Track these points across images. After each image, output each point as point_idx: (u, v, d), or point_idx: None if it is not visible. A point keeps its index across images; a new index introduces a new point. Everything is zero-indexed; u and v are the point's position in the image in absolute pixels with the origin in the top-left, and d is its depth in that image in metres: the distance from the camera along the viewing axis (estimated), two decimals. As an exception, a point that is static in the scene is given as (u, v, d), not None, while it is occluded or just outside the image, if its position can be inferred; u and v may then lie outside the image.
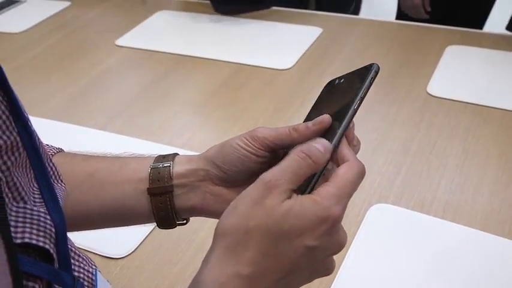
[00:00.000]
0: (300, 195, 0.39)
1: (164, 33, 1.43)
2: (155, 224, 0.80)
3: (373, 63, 0.46)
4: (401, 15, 1.63)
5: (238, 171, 0.47)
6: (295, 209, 0.38)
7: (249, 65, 1.23)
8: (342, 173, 0.40)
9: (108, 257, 0.77)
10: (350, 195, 0.40)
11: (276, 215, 0.37)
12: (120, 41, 1.40)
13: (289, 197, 0.38)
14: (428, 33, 1.33)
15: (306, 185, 0.41)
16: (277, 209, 0.37)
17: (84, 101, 1.17)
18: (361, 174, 0.41)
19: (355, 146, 0.44)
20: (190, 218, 0.84)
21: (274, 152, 0.47)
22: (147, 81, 1.23)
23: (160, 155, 0.51)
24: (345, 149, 0.42)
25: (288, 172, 0.39)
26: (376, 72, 0.46)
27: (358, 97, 0.44)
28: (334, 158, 0.42)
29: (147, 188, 0.49)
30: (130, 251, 0.77)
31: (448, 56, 1.20)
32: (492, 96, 1.06)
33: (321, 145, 0.40)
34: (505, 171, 0.87)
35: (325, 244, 0.39)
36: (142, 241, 0.79)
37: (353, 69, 0.49)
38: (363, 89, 0.45)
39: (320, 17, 1.45)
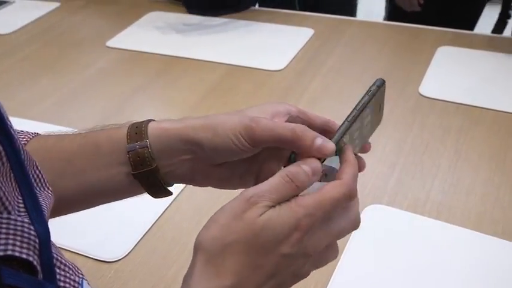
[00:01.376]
0: (278, 205, 0.39)
1: (155, 34, 1.42)
2: (149, 226, 0.80)
3: (378, 79, 0.46)
4: (392, 10, 1.64)
5: (227, 159, 0.47)
6: (273, 220, 0.39)
7: (241, 66, 1.23)
8: (327, 189, 0.40)
9: (102, 261, 0.76)
10: (328, 212, 0.40)
11: (254, 228, 0.38)
12: (110, 43, 1.39)
13: (267, 210, 0.39)
14: (419, 34, 1.33)
15: None
16: (256, 222, 0.38)
17: (76, 103, 1.16)
18: (348, 196, 0.40)
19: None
20: (185, 221, 0.84)
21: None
22: (138, 82, 1.22)
23: (132, 127, 0.48)
24: (346, 168, 0.42)
25: (272, 192, 0.39)
26: (378, 87, 0.46)
27: (352, 110, 0.44)
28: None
29: (133, 174, 0.47)
30: (124, 255, 0.77)
31: (440, 56, 1.21)
32: (483, 97, 1.07)
33: (310, 168, 0.40)
34: (496, 172, 0.88)
35: (301, 251, 0.40)
36: (136, 244, 0.78)
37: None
38: (358, 103, 0.45)
39: (311, 18, 1.45)
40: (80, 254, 0.77)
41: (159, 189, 0.49)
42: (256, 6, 1.70)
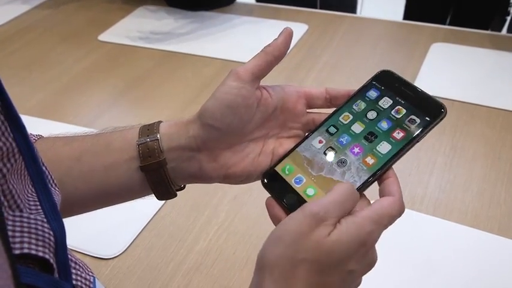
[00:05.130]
0: (343, 220, 0.40)
1: (148, 28, 1.41)
2: (146, 222, 0.79)
3: (443, 107, 0.47)
4: (409, 7, 1.65)
5: (236, 125, 0.47)
6: (342, 238, 0.39)
7: (235, 62, 1.22)
8: (386, 205, 0.41)
9: (99, 258, 0.75)
10: (386, 227, 0.41)
11: (324, 248, 0.38)
12: (102, 36, 1.38)
13: (335, 227, 0.39)
14: (413, 30, 1.33)
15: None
16: (325, 242, 0.39)
17: (68, 98, 1.15)
18: (400, 213, 0.42)
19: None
20: (181, 217, 0.83)
21: None
22: (132, 77, 1.21)
23: (144, 126, 0.49)
24: (394, 186, 0.44)
25: (336, 205, 0.40)
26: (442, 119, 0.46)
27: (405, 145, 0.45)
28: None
29: (140, 166, 0.47)
30: (122, 251, 0.76)
31: (434, 53, 1.21)
32: (478, 93, 1.07)
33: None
34: (492, 168, 0.89)
35: (362, 265, 0.41)
36: (133, 241, 0.78)
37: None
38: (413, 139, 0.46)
39: (305, 13, 1.44)
40: (77, 251, 0.76)
41: (165, 188, 0.49)
42: (253, 0, 1.69)
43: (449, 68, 1.17)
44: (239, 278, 0.72)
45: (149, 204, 0.83)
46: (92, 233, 0.79)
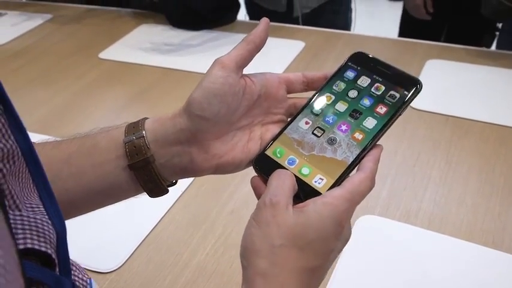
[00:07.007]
0: (311, 202, 0.42)
1: (147, 46, 1.43)
2: (144, 236, 0.80)
3: (418, 81, 0.48)
4: (405, 14, 1.68)
5: (223, 112, 0.47)
6: (311, 220, 0.41)
7: (233, 79, 1.24)
8: (357, 183, 0.43)
9: (97, 271, 0.76)
10: (358, 203, 0.43)
11: (296, 230, 0.40)
12: (103, 54, 1.40)
13: (301, 207, 0.41)
14: (408, 47, 1.36)
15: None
16: (296, 224, 0.40)
17: (69, 115, 1.16)
18: (370, 189, 0.43)
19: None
20: (179, 231, 0.84)
21: None
22: (131, 94, 1.23)
23: (129, 124, 0.49)
24: (369, 162, 0.45)
25: (279, 188, 0.43)
26: (418, 93, 0.48)
27: (387, 123, 0.47)
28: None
29: (128, 165, 0.47)
30: (120, 265, 0.77)
31: (429, 69, 1.23)
32: (472, 109, 1.09)
33: None
34: (486, 182, 0.90)
35: (341, 242, 0.43)
36: (131, 255, 0.79)
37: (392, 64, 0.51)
38: (391, 118, 0.47)
39: (302, 31, 1.47)
40: (75, 265, 0.76)
41: (155, 185, 0.48)
42: (247, 18, 1.72)
43: (444, 84, 1.18)
44: (236, 291, 0.72)
45: (147, 218, 0.85)
46: (90, 247, 0.80)
